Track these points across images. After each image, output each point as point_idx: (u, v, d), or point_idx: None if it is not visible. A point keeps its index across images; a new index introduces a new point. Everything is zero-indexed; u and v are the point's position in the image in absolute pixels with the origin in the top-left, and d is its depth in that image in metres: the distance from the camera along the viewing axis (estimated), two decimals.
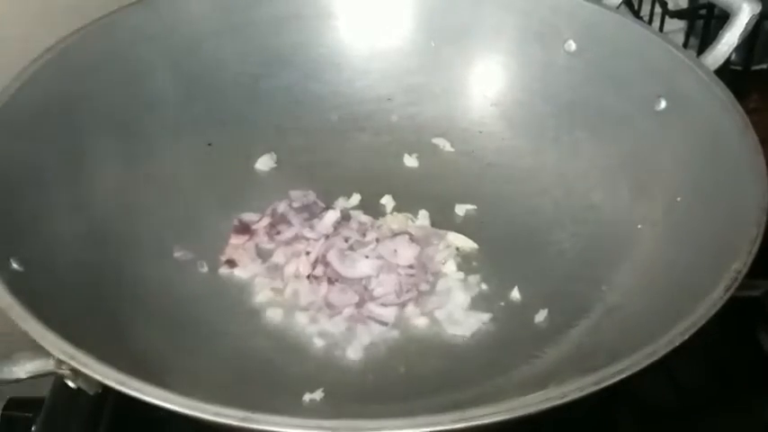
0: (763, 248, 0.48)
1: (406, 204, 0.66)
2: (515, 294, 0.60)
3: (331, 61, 0.71)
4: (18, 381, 0.43)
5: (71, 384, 0.44)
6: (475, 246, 0.63)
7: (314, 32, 0.71)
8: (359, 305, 0.59)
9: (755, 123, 0.55)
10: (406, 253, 0.61)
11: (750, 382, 0.61)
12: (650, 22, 0.79)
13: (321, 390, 0.53)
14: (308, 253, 0.61)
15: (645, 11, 0.79)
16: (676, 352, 0.44)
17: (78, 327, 0.46)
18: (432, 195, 0.67)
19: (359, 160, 0.69)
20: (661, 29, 0.76)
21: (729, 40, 0.63)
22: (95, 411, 0.57)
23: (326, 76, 0.71)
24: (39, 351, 0.43)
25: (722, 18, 0.65)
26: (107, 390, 0.43)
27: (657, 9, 0.78)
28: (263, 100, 0.69)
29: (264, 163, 0.69)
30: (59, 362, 0.43)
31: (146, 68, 0.65)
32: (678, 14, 0.77)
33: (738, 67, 0.76)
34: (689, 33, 0.78)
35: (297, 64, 0.70)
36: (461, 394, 0.54)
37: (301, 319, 0.58)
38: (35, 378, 0.43)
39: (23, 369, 0.43)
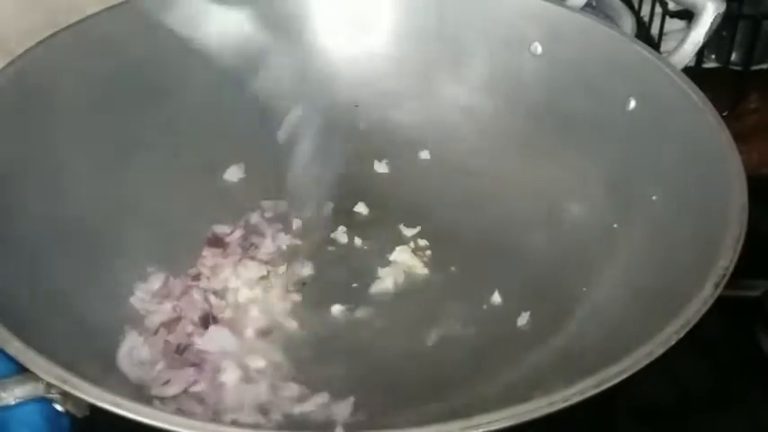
0: (762, 248, 0.48)
1: (381, 211, 0.66)
2: (496, 298, 0.60)
3: (299, 67, 0.71)
4: (7, 407, 0.41)
5: (59, 408, 0.43)
6: (425, 271, 0.63)
7: (282, 38, 0.70)
8: None
9: (755, 123, 0.56)
10: None
11: (749, 383, 0.61)
12: (650, 22, 0.79)
13: None
14: None
15: (645, 11, 0.80)
16: (673, 351, 0.44)
17: (63, 350, 0.45)
18: (405, 200, 0.66)
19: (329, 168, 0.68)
20: (661, 29, 0.77)
21: (695, 39, 0.64)
22: None
23: (294, 81, 0.70)
24: (28, 375, 0.42)
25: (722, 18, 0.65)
26: (95, 413, 0.42)
27: (658, 9, 0.78)
28: (230, 108, 0.68)
29: (233, 173, 0.68)
30: (48, 386, 0.41)
31: (114, 76, 0.64)
32: (678, 15, 0.78)
33: (738, 68, 0.77)
34: None
35: (264, 70, 0.69)
36: (448, 402, 0.53)
37: None
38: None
39: (12, 395, 0.41)
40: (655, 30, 0.81)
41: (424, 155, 0.70)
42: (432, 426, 0.39)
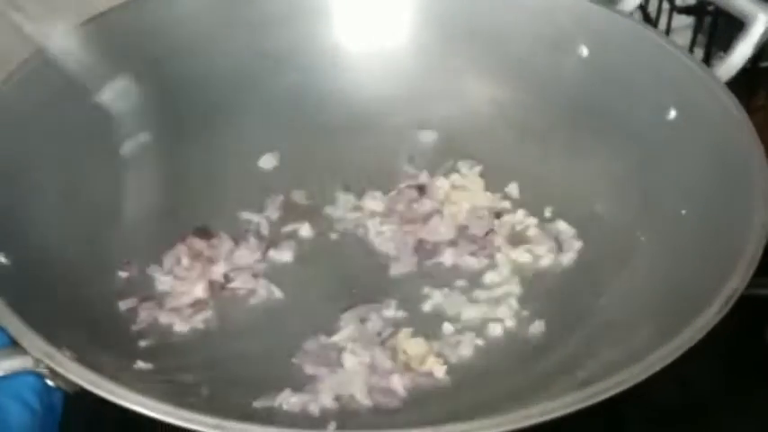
0: None
1: None
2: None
3: (331, 61, 0.70)
4: None
5: (50, 383, 0.44)
6: None
7: (313, 31, 0.70)
8: None
9: (764, 120, 0.54)
10: None
11: (759, 382, 0.61)
12: (658, 18, 0.78)
13: None
14: None
15: (652, 7, 0.78)
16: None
17: (59, 327, 0.46)
18: None
19: (358, 161, 0.68)
20: (669, 25, 0.75)
21: (743, 50, 0.62)
22: None
23: (327, 75, 0.70)
24: (17, 348, 0.43)
25: (730, 15, 0.63)
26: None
27: (665, 5, 0.77)
28: (263, 99, 0.69)
29: (268, 161, 0.68)
30: (37, 360, 0.42)
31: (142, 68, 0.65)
32: (686, 11, 0.76)
33: (746, 64, 0.75)
34: (696, 30, 0.77)
35: (296, 63, 0.69)
36: (455, 404, 0.53)
37: None
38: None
39: (1, 367, 0.43)
40: (662, 26, 0.79)
41: (457, 151, 0.68)
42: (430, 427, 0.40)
